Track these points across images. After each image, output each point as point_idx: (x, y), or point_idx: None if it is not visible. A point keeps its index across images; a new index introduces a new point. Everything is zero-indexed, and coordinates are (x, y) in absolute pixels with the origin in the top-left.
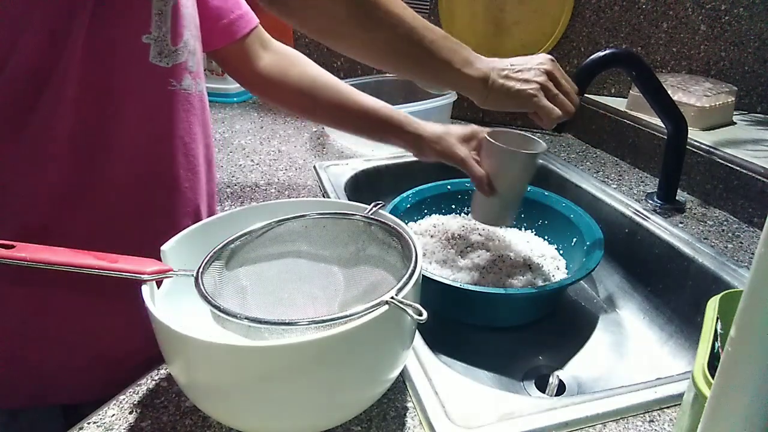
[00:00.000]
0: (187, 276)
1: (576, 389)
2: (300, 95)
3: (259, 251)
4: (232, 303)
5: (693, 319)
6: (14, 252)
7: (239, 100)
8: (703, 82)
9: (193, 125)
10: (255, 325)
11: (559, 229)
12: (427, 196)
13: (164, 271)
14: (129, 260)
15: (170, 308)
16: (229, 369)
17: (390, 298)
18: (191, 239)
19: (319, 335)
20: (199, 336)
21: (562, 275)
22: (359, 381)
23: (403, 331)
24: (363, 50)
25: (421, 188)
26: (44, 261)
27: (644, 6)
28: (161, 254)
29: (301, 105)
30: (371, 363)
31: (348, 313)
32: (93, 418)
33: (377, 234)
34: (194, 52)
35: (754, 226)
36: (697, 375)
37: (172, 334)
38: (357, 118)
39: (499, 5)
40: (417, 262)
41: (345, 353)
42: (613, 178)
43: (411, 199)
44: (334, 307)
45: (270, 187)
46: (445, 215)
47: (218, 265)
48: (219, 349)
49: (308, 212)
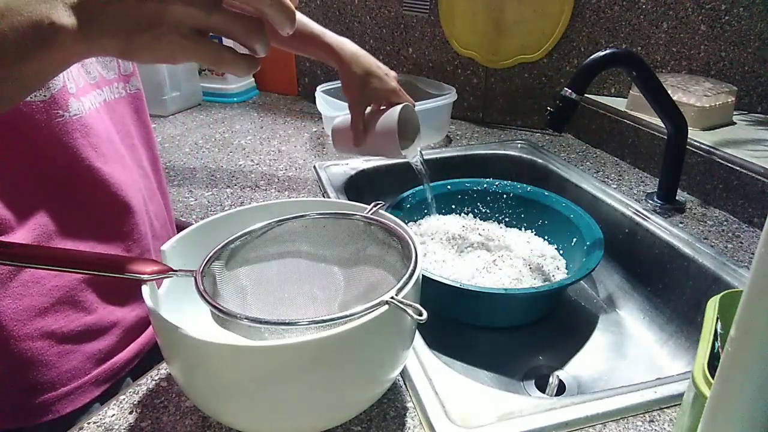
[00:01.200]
0: (187, 276)
1: (576, 389)
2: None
3: (259, 251)
4: (233, 303)
5: (693, 319)
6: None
7: (239, 100)
8: (703, 82)
9: (99, 147)
10: (255, 325)
11: (559, 229)
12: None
13: (164, 272)
14: (129, 260)
15: (170, 308)
16: (229, 369)
17: (390, 298)
18: (191, 239)
19: (319, 335)
20: (199, 336)
21: (562, 275)
22: (359, 381)
23: (403, 331)
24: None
25: (421, 188)
26: (44, 261)
27: (644, 6)
28: (161, 254)
29: None
30: (371, 363)
31: (348, 313)
32: (93, 418)
33: (377, 234)
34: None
35: (754, 226)
36: (697, 375)
37: (172, 334)
38: None
39: (499, 5)
40: (417, 262)
41: (345, 353)
42: (613, 178)
43: (411, 199)
44: (334, 307)
45: (270, 187)
46: (445, 215)
47: (218, 265)
48: (219, 349)
49: (308, 212)
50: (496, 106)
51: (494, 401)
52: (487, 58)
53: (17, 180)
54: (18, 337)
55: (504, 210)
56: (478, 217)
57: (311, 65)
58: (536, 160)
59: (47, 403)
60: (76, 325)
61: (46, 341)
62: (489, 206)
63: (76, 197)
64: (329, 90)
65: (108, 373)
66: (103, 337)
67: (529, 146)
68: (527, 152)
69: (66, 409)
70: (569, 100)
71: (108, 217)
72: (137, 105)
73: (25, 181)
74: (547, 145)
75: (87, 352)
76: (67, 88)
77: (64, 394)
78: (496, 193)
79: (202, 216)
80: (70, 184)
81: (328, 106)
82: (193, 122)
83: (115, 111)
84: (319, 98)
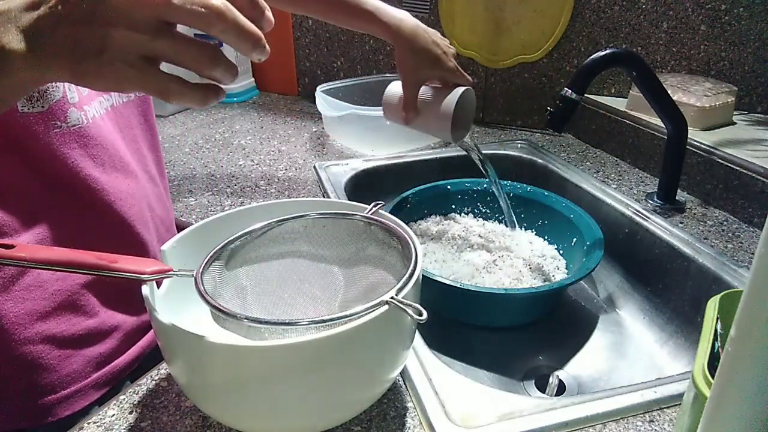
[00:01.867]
0: (187, 276)
1: (576, 389)
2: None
3: (260, 251)
4: (233, 303)
5: (693, 319)
6: (14, 252)
7: (239, 100)
8: (703, 82)
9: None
10: (255, 325)
11: (559, 229)
12: (428, 196)
13: (164, 271)
14: (129, 260)
15: (170, 308)
16: (229, 369)
17: (390, 298)
18: (191, 239)
19: (319, 335)
20: (199, 335)
21: (562, 275)
22: (359, 381)
23: (403, 331)
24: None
25: (421, 188)
26: (44, 261)
27: (644, 6)
28: (161, 254)
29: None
30: (371, 363)
31: (348, 313)
32: (93, 418)
33: (377, 234)
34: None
35: (754, 226)
36: (697, 375)
37: (172, 334)
38: (326, 3)
39: (499, 5)
40: (417, 262)
41: (345, 353)
42: (613, 178)
43: (411, 199)
44: (334, 307)
45: (270, 187)
46: (445, 215)
47: (218, 265)
48: (219, 348)
49: (308, 212)
50: (496, 106)
51: (494, 401)
52: (487, 58)
53: (16, 190)
54: (20, 340)
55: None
56: (479, 217)
57: (311, 65)
58: (536, 160)
59: (48, 406)
60: (78, 329)
61: (47, 345)
62: (489, 206)
63: (75, 208)
64: (329, 90)
65: (108, 377)
66: (104, 341)
67: (529, 146)
68: (527, 152)
69: (65, 412)
70: (569, 100)
71: (108, 228)
72: (144, 108)
73: (24, 191)
74: (547, 145)
75: (88, 356)
76: (67, 98)
77: (65, 397)
78: None
79: (202, 216)
80: (68, 195)
81: (328, 106)
82: (193, 122)
83: (122, 115)
84: (319, 98)
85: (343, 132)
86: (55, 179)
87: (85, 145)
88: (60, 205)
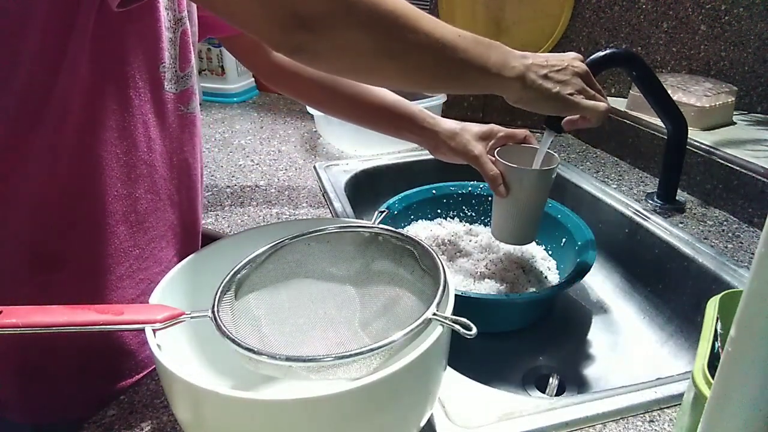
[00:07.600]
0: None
1: (576, 389)
2: (317, 87)
3: (266, 278)
4: (251, 338)
5: (693, 319)
6: (2, 318)
7: (239, 100)
8: (703, 82)
9: (196, 145)
10: (296, 365)
11: (546, 230)
12: (413, 201)
13: (176, 316)
14: (135, 309)
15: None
16: (250, 425)
17: (433, 315)
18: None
19: (369, 380)
20: (216, 390)
21: (554, 276)
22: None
23: (446, 352)
24: (396, 79)
25: (406, 194)
26: (39, 324)
27: (644, 6)
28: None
29: (317, 97)
30: (418, 397)
31: (395, 338)
32: (93, 418)
33: (386, 245)
34: (196, 74)
35: (754, 226)
36: (697, 375)
37: (182, 384)
38: (372, 112)
39: (499, 5)
40: (446, 272)
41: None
42: (613, 178)
43: (398, 205)
44: (355, 328)
45: (270, 187)
46: (431, 221)
47: (228, 299)
48: (248, 405)
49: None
50: (496, 106)
51: (494, 401)
52: None
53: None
54: None
55: (489, 213)
56: (464, 221)
57: None
58: None
59: (121, 391)
60: None
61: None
62: (474, 209)
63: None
64: None
65: None
66: None
67: None
68: None
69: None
70: None
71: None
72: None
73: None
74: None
75: None
76: (194, 88)
77: (136, 382)
78: (481, 195)
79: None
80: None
81: None
82: None
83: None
84: None
85: (331, 132)
86: (169, 156)
87: (191, 132)
88: (169, 178)
